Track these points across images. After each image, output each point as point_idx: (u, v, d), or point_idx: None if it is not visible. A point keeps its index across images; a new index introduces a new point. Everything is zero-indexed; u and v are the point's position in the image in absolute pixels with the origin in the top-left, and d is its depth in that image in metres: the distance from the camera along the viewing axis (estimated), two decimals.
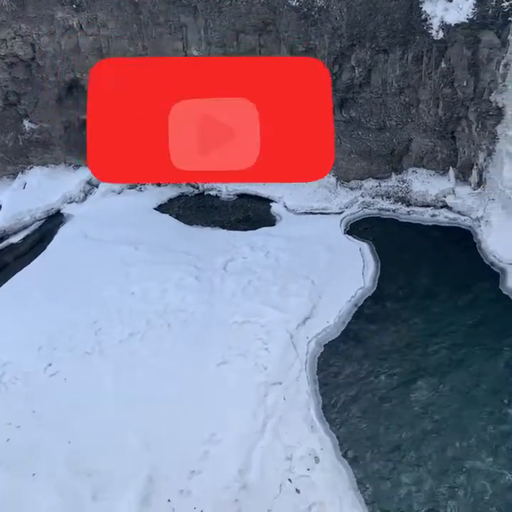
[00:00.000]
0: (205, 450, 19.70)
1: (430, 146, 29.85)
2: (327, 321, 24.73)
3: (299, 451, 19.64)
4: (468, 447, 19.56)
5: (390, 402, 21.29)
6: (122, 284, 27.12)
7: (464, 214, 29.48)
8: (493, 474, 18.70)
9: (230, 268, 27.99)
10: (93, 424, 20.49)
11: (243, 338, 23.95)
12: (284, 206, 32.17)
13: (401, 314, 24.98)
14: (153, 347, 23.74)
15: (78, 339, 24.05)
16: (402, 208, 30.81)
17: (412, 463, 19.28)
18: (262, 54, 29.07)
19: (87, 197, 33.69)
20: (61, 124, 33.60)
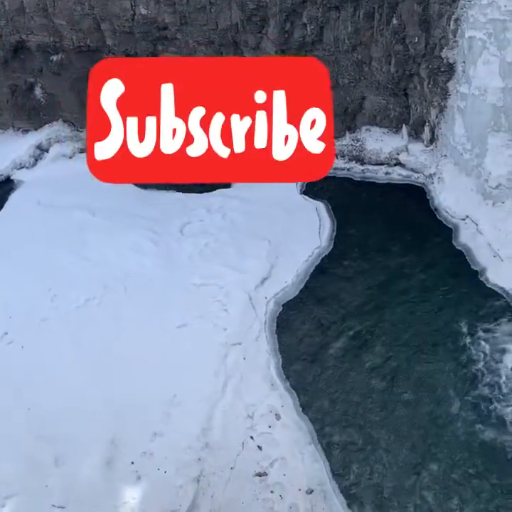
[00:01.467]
0: (167, 412, 19.83)
1: (383, 103, 29.89)
2: (285, 281, 24.91)
3: (260, 409, 19.92)
4: (420, 397, 20.12)
5: (347, 360, 21.68)
6: (78, 250, 26.74)
7: (417, 171, 29.75)
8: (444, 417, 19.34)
9: (187, 231, 27.84)
10: (53, 390, 20.40)
11: (202, 300, 23.97)
12: None
13: (357, 272, 25.29)
14: (111, 312, 23.61)
15: (34, 307, 23.74)
16: (356, 166, 30.90)
17: (370, 416, 19.79)
18: (212, 12, 28.52)
19: (38, 162, 32.85)
20: (8, 88, 32.57)
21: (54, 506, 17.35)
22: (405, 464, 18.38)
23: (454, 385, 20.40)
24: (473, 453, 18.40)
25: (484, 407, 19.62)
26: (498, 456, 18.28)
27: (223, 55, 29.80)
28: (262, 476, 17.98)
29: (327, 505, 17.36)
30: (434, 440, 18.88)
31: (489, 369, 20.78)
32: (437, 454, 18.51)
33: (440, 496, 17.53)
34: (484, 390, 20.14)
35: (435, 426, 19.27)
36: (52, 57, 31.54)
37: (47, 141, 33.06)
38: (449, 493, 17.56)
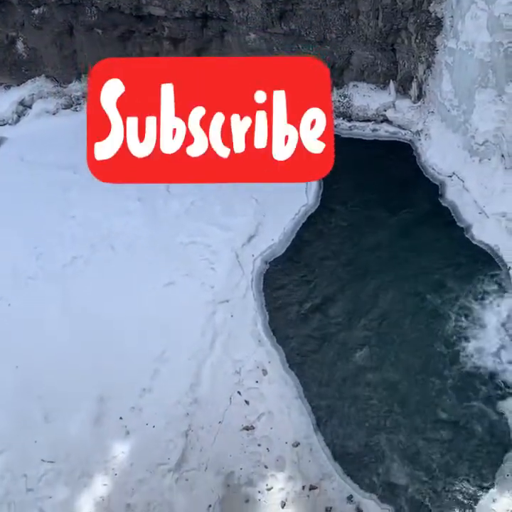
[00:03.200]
0: (156, 368, 20.05)
1: (370, 59, 29.51)
2: (272, 239, 24.92)
3: (247, 365, 20.19)
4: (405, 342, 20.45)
5: (334, 315, 21.93)
6: (62, 208, 26.52)
7: (404, 128, 29.57)
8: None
9: (173, 189, 27.58)
10: (41, 348, 20.52)
11: (189, 258, 23.99)
12: None
13: (344, 229, 25.34)
14: (98, 270, 23.58)
15: (19, 265, 23.66)
16: (343, 123, 30.65)
17: (356, 370, 20.10)
18: None
19: (21, 118, 32.24)
20: None
21: (43, 461, 17.62)
22: (390, 416, 18.76)
23: (435, 340, 20.73)
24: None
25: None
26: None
27: (208, 8, 29.19)
28: (249, 430, 18.32)
29: (313, 458, 17.76)
30: (424, 393, 19.24)
31: (471, 322, 21.12)
32: (423, 407, 18.89)
33: (426, 445, 17.97)
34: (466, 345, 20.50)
35: (426, 376, 19.62)
36: (34, 10, 30.66)
37: (30, 97, 32.44)
38: (431, 447, 18.00)
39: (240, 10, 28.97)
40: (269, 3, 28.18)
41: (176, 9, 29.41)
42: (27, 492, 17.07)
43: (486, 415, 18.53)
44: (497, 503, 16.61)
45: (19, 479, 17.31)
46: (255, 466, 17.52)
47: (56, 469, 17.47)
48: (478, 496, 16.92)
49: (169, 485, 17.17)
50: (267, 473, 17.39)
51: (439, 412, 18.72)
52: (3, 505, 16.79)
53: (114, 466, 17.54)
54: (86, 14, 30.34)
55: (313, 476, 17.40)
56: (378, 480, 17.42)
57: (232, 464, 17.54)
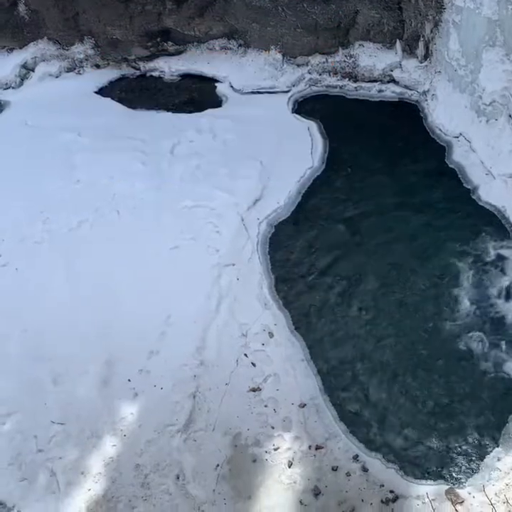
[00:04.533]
0: (162, 331, 20.16)
1: (377, 18, 29.03)
2: (277, 202, 24.83)
3: (253, 327, 20.29)
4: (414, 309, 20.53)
5: (338, 277, 21.97)
6: (67, 172, 26.44)
7: (411, 88, 29.24)
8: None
9: (177, 152, 27.49)
10: (49, 311, 20.68)
11: (194, 222, 23.94)
12: (230, 86, 31.29)
13: (350, 192, 25.24)
14: (103, 234, 23.58)
15: (26, 230, 23.68)
16: (349, 84, 30.31)
17: (362, 332, 20.22)
18: None
19: (24, 82, 32.04)
20: None
21: (53, 423, 17.89)
22: (396, 377, 18.92)
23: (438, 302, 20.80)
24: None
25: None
26: None
27: None
28: (255, 391, 18.51)
29: (319, 418, 17.97)
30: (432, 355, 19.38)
31: (474, 284, 21.18)
32: (430, 369, 19.04)
33: (432, 405, 18.16)
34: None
35: (434, 337, 19.73)
36: None
37: (32, 60, 32.14)
38: (437, 407, 18.19)
39: None
40: None
41: None
42: (37, 453, 17.35)
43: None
44: (501, 461, 16.82)
45: (30, 440, 17.58)
46: (262, 427, 17.73)
47: (66, 431, 17.74)
48: (483, 455, 17.14)
49: (177, 445, 17.42)
50: (274, 433, 17.62)
51: (447, 372, 18.85)
52: (15, 466, 17.10)
53: (122, 428, 17.79)
54: None
55: (320, 436, 17.62)
56: (383, 440, 17.64)
57: (239, 425, 17.76)
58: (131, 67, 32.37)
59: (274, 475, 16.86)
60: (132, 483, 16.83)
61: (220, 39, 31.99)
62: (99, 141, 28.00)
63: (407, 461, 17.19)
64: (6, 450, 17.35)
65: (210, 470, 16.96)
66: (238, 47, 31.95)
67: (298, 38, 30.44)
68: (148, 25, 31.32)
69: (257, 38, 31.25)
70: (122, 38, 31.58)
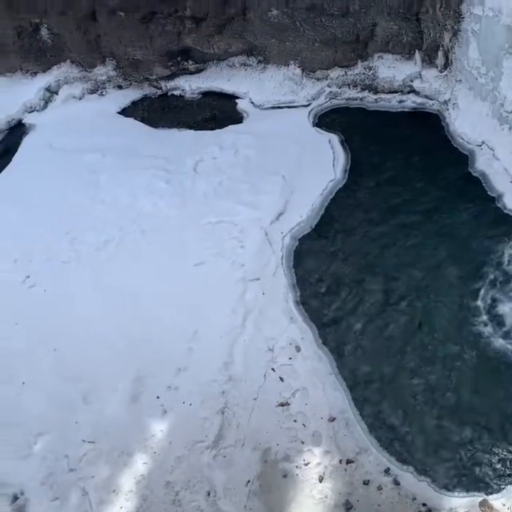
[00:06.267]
0: (189, 347, 20.21)
1: (395, 29, 29.12)
2: (300, 216, 24.86)
3: (280, 342, 20.22)
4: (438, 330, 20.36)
5: (368, 288, 21.88)
6: (92, 192, 26.83)
7: (432, 98, 29.20)
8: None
9: (200, 169, 27.73)
10: (77, 330, 20.86)
11: (218, 237, 24.07)
12: (250, 102, 31.55)
13: (372, 202, 25.23)
14: (129, 252, 23.82)
15: (53, 250, 24.01)
16: (369, 96, 30.39)
17: (390, 344, 20.06)
18: None
19: (48, 104, 32.65)
20: (13, 30, 31.98)
21: (84, 441, 17.98)
22: (428, 390, 18.74)
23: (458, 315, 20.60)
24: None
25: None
26: None
27: None
28: (284, 406, 18.46)
29: (349, 432, 17.82)
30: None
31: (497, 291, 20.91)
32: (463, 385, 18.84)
33: (465, 420, 17.95)
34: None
35: (474, 351, 19.52)
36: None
37: (56, 83, 32.76)
38: (470, 421, 17.97)
39: None
40: None
41: None
42: (69, 472, 17.41)
43: None
44: None
45: (61, 459, 17.67)
46: (292, 442, 17.65)
47: (97, 449, 17.81)
48: None
49: (207, 462, 17.40)
50: (304, 448, 17.52)
51: (483, 387, 18.59)
52: (46, 486, 17.15)
53: (152, 445, 17.84)
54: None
55: (350, 450, 17.47)
56: (415, 452, 17.44)
57: (269, 440, 17.70)
58: (152, 86, 32.80)
59: (305, 490, 16.75)
60: (163, 501, 16.82)
61: (239, 56, 32.32)
62: (123, 160, 28.37)
63: (439, 474, 16.96)
64: (38, 470, 17.44)
65: (241, 486, 16.91)
66: (257, 63, 32.23)
67: (316, 52, 30.63)
68: (169, 45, 31.76)
69: (275, 53, 31.50)
70: (143, 58, 32.06)
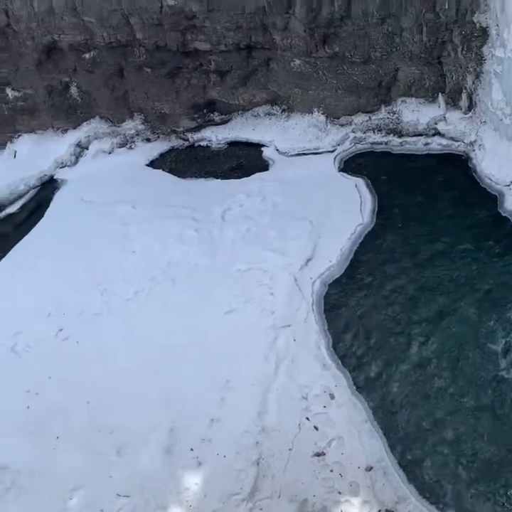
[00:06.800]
0: (222, 397, 20.09)
1: (417, 74, 29.43)
2: (329, 260, 24.84)
3: (313, 389, 20.01)
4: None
5: (399, 336, 21.63)
6: (123, 243, 27.20)
7: (457, 139, 29.27)
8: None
9: (228, 217, 28.00)
10: (110, 383, 20.87)
11: (247, 285, 24.12)
12: (275, 150, 31.94)
13: (402, 246, 25.10)
14: (160, 302, 23.97)
15: (85, 302, 24.26)
16: (394, 139, 30.57)
17: (425, 391, 19.70)
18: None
19: (79, 160, 33.44)
20: (44, 89, 33.04)
21: (119, 496, 17.84)
22: (463, 436, 18.32)
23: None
24: None
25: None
26: None
27: (252, 39, 29.71)
28: (320, 456, 18.16)
29: (387, 481, 17.43)
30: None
31: None
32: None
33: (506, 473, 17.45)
34: None
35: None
36: (85, 55, 31.85)
37: (86, 139, 33.62)
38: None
39: (284, 37, 29.43)
40: (312, 28, 28.51)
41: (220, 42, 30.07)
42: None
43: None
44: None
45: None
46: (329, 493, 17.30)
47: (132, 503, 17.65)
48: None
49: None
50: (341, 498, 17.16)
51: None
52: None
53: (187, 498, 17.62)
54: (135, 55, 31.37)
55: (389, 499, 17.07)
56: (456, 502, 16.96)
57: (305, 491, 17.37)
58: (179, 138, 33.43)
59: None
60: None
61: (263, 106, 32.86)
62: (153, 211, 28.79)
63: None
64: None
65: None
66: (282, 112, 32.71)
67: (340, 99, 31.02)
68: (195, 98, 32.47)
69: (299, 102, 31.98)
70: (170, 111, 32.79)
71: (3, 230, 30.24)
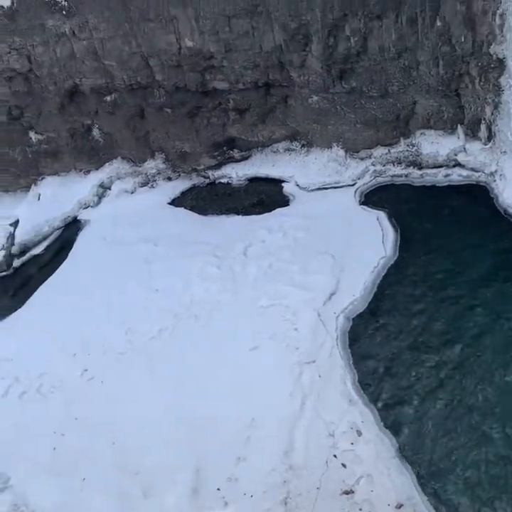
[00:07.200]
0: (248, 435, 19.92)
1: (435, 106, 29.52)
2: (353, 295, 24.69)
3: (340, 426, 19.75)
4: None
5: (423, 367, 21.36)
6: (146, 281, 27.37)
7: (478, 170, 29.18)
8: None
9: (250, 253, 28.06)
10: (135, 422, 20.83)
11: (271, 321, 24.04)
12: (296, 185, 32.09)
13: (425, 279, 24.89)
14: (183, 340, 24.00)
15: (110, 341, 24.37)
16: (414, 171, 30.55)
17: (454, 426, 19.35)
18: (255, 36, 28.89)
19: (101, 200, 33.92)
20: (67, 132, 33.72)
21: None
22: (496, 475, 17.90)
23: None
24: None
25: None
26: None
27: (269, 77, 30.11)
28: (349, 494, 17.84)
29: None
30: None
31: None
32: None
33: None
34: None
35: None
36: (106, 97, 32.52)
37: (108, 180, 34.15)
38: None
39: (301, 74, 29.80)
40: (329, 64, 28.85)
41: (238, 81, 30.54)
42: None
43: None
44: None
45: None
46: None
47: None
48: None
49: None
50: None
51: None
52: None
53: None
54: (155, 96, 31.97)
55: None
56: None
57: None
58: (200, 176, 33.77)
59: None
60: None
61: (283, 142, 33.13)
62: (175, 249, 28.96)
63: None
64: None
65: None
66: (301, 147, 32.94)
67: (359, 133, 31.18)
68: (214, 136, 32.86)
69: (318, 137, 32.19)
70: (191, 150, 33.19)
71: (28, 271, 30.70)
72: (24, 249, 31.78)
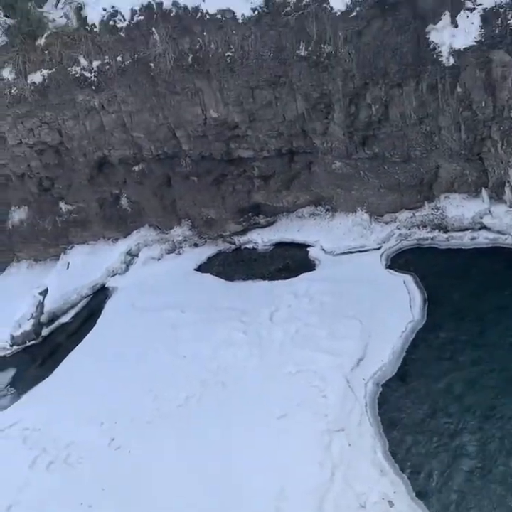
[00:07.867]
0: (277, 506, 19.45)
1: (458, 170, 29.70)
2: (381, 360, 24.39)
3: (371, 497, 19.19)
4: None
5: (458, 437, 20.81)
6: (173, 348, 27.38)
7: (504, 233, 29.06)
8: None
9: (276, 318, 28.02)
10: (162, 494, 20.50)
11: (298, 387, 23.74)
12: (321, 249, 32.22)
13: (455, 343, 24.57)
14: (211, 408, 23.75)
15: (137, 409, 24.22)
16: (440, 235, 30.53)
17: (488, 497, 18.74)
18: (278, 106, 29.63)
19: (129, 267, 34.38)
20: (96, 202, 34.54)
21: None
22: None
23: None
24: None
25: None
26: None
27: (293, 144, 30.70)
28: None
29: None
30: None
31: None
32: None
33: None
34: None
35: None
36: (134, 167, 33.36)
37: (136, 247, 34.69)
38: None
39: (324, 142, 30.31)
40: (351, 131, 29.33)
41: (263, 149, 31.16)
42: None
43: None
44: None
45: None
46: None
47: None
48: None
49: None
50: None
51: None
52: None
53: None
54: (181, 165, 32.72)
55: None
56: None
57: None
58: (226, 242, 34.16)
59: None
60: None
61: (307, 207, 33.50)
62: (202, 314, 29.07)
63: None
64: None
65: None
66: (325, 212, 33.26)
67: (382, 197, 31.43)
68: (240, 203, 33.36)
69: (342, 201, 32.51)
70: (216, 217, 33.70)
71: (56, 339, 31.00)
72: (53, 318, 32.10)
